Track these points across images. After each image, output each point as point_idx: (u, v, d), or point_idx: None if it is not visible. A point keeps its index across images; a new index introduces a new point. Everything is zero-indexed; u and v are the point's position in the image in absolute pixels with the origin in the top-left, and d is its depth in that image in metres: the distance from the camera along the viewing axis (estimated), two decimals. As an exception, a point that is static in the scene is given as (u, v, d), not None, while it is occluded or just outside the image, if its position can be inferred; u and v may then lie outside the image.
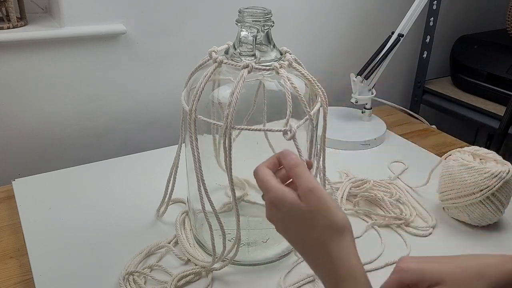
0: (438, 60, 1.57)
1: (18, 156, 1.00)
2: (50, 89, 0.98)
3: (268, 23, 0.60)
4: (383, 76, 1.14)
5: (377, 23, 1.35)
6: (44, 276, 0.65)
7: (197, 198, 0.61)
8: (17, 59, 0.92)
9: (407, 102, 1.55)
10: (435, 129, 1.19)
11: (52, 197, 0.83)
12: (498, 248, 0.74)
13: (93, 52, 0.99)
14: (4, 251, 0.71)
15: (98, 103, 1.04)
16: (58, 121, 1.01)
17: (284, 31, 1.20)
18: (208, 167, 0.63)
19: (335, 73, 1.34)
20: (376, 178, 0.89)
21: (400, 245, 0.74)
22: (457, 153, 0.80)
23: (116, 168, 0.92)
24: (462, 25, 1.58)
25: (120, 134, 1.10)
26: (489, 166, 0.74)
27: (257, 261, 0.69)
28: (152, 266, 0.67)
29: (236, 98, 0.55)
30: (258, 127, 0.58)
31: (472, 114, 1.38)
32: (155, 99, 1.10)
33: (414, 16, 1.08)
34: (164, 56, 1.07)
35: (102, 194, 0.84)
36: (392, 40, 1.09)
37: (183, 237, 0.72)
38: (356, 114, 1.17)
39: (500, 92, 1.34)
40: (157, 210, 0.78)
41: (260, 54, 0.61)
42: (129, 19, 1.00)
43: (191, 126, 0.59)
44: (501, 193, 0.74)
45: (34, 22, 0.96)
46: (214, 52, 0.62)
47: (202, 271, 0.66)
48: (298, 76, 0.62)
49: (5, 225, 0.77)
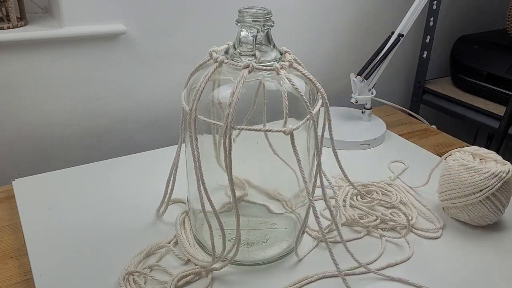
0: (438, 60, 1.57)
1: (18, 156, 1.00)
2: (50, 89, 0.98)
3: (268, 23, 0.60)
4: (383, 76, 1.14)
5: (377, 23, 1.35)
6: (44, 276, 0.65)
7: (197, 198, 0.61)
8: (17, 59, 0.92)
9: (407, 102, 1.55)
10: (435, 129, 1.19)
11: (52, 197, 0.83)
12: (498, 248, 0.74)
13: (93, 52, 0.99)
14: (4, 251, 0.71)
15: (98, 103, 1.04)
16: (58, 121, 1.01)
17: (284, 31, 1.20)
18: (208, 167, 0.63)
19: (335, 73, 1.34)
20: (376, 178, 0.90)
21: (402, 246, 0.74)
22: (457, 153, 0.80)
23: (116, 168, 0.92)
24: (462, 25, 1.58)
25: (120, 134, 1.10)
26: (489, 166, 0.74)
27: (257, 261, 0.69)
28: (152, 266, 0.67)
29: (237, 98, 0.55)
30: (258, 127, 0.58)
31: (472, 114, 1.38)
32: (155, 99, 1.11)
33: (414, 16, 1.08)
34: (164, 56, 1.07)
35: (102, 194, 0.84)
36: (392, 40, 1.09)
37: (183, 237, 0.72)
38: (356, 114, 1.17)
39: (500, 92, 1.34)
40: (157, 210, 0.78)
41: (260, 54, 0.61)
42: (129, 19, 1.00)
43: (191, 126, 0.59)
44: (501, 193, 0.74)
45: (34, 22, 0.96)
46: (215, 52, 0.62)
47: (202, 271, 0.66)
48: (299, 76, 0.62)
49: (5, 225, 0.77)
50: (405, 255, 0.72)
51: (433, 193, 0.84)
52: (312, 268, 0.68)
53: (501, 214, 0.77)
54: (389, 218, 0.78)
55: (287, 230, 0.73)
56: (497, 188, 0.73)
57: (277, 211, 0.75)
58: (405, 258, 0.71)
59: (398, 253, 0.72)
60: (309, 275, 0.66)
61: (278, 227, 0.73)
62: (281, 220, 0.75)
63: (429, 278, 0.67)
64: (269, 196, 0.76)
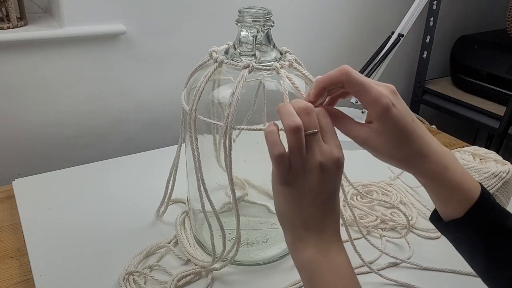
0: (438, 60, 1.57)
1: (18, 156, 1.00)
2: (50, 89, 0.98)
3: (268, 23, 0.60)
4: (383, 76, 1.14)
5: (377, 23, 1.35)
6: (44, 276, 0.65)
7: (197, 198, 0.61)
8: (17, 59, 0.92)
9: (407, 102, 1.54)
10: (435, 129, 1.19)
11: (52, 197, 0.83)
12: (498, 248, 0.74)
13: (93, 52, 0.99)
14: (4, 251, 0.71)
15: (98, 103, 1.04)
16: (58, 121, 1.01)
17: (284, 31, 1.20)
18: (208, 167, 0.63)
19: (335, 73, 1.34)
20: (376, 178, 0.89)
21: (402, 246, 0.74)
22: (457, 153, 0.80)
23: (116, 168, 0.92)
24: (462, 25, 1.58)
25: (120, 134, 1.10)
26: (489, 166, 0.74)
27: (257, 261, 0.69)
28: (152, 266, 0.67)
29: (237, 98, 0.55)
30: (258, 127, 0.58)
31: (472, 114, 1.38)
32: (155, 99, 1.10)
33: (414, 16, 1.08)
34: (164, 56, 1.07)
35: (102, 194, 0.84)
36: (392, 40, 1.09)
37: (183, 237, 0.72)
38: (356, 114, 1.17)
39: (500, 92, 1.34)
40: (157, 210, 0.78)
41: (260, 54, 0.61)
42: (129, 19, 1.00)
43: (191, 126, 0.59)
44: (501, 193, 0.74)
45: (34, 22, 0.96)
46: (215, 52, 0.62)
47: (202, 271, 0.66)
48: (299, 76, 0.62)
49: (5, 225, 0.77)
50: (405, 255, 0.72)
51: (433, 193, 0.84)
52: (312, 268, 0.68)
53: (501, 214, 0.77)
54: (389, 218, 0.77)
55: (287, 230, 0.72)
56: (497, 188, 0.73)
57: (277, 211, 0.75)
58: (405, 258, 0.71)
59: (398, 253, 0.72)
60: (309, 275, 0.66)
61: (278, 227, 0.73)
62: (281, 220, 0.75)
63: (429, 278, 0.67)
64: (269, 196, 0.76)
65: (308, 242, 0.43)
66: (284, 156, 0.42)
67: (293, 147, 0.41)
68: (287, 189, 0.43)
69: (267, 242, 0.71)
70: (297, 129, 0.41)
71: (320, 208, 0.43)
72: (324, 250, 0.43)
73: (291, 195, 0.43)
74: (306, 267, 0.43)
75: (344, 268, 0.43)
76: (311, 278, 0.43)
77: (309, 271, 0.43)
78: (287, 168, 0.42)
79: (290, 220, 0.44)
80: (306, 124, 0.42)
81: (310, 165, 0.42)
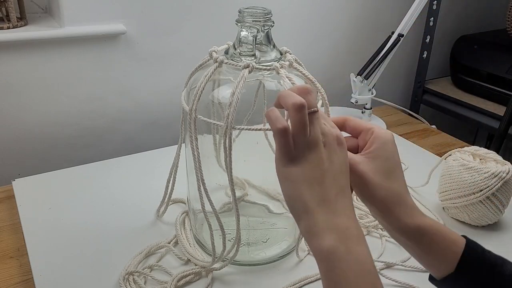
0: (438, 60, 1.57)
1: (18, 156, 1.00)
2: (50, 89, 0.98)
3: (268, 23, 0.60)
4: (383, 76, 1.14)
5: (377, 23, 1.35)
6: (44, 276, 0.65)
7: (197, 198, 0.61)
8: (17, 59, 0.92)
9: (407, 102, 1.55)
10: (435, 129, 1.19)
11: (52, 197, 0.83)
12: (498, 248, 0.74)
13: (93, 52, 0.99)
14: (4, 251, 0.71)
15: (98, 103, 1.04)
16: (58, 121, 1.01)
17: (284, 31, 1.20)
18: (208, 167, 0.63)
19: (335, 73, 1.34)
20: (376, 178, 0.89)
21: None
22: (457, 153, 0.80)
23: (116, 168, 0.92)
24: (462, 25, 1.58)
25: (120, 134, 1.10)
26: (489, 166, 0.74)
27: (257, 261, 0.69)
28: (152, 266, 0.67)
29: (237, 98, 0.55)
30: (258, 127, 0.58)
31: (472, 114, 1.38)
32: (155, 99, 1.10)
33: (414, 16, 1.08)
34: (164, 56, 1.07)
35: (102, 194, 0.84)
36: (392, 40, 1.09)
37: (183, 237, 0.72)
38: (356, 114, 1.17)
39: (500, 92, 1.34)
40: (157, 210, 0.78)
41: (260, 54, 0.61)
42: (129, 19, 1.00)
43: (191, 126, 0.59)
44: (501, 193, 0.74)
45: (34, 22, 0.96)
46: (215, 52, 0.62)
47: (202, 271, 0.66)
48: (299, 76, 0.62)
49: (5, 225, 0.77)
50: (405, 255, 0.72)
51: (433, 193, 0.84)
52: (312, 268, 0.68)
53: (501, 214, 0.77)
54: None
55: (287, 230, 0.72)
56: (497, 188, 0.73)
57: (277, 211, 0.75)
58: (405, 258, 0.71)
59: (398, 253, 0.72)
60: (309, 275, 0.66)
61: (278, 227, 0.73)
62: (281, 220, 0.75)
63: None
64: (269, 196, 0.76)
65: (324, 227, 0.41)
66: (287, 130, 0.41)
67: (298, 125, 0.41)
68: (294, 168, 0.41)
69: (267, 242, 0.71)
70: (302, 106, 0.40)
71: (332, 185, 0.42)
72: (343, 238, 0.41)
73: (300, 174, 0.41)
74: (324, 258, 0.40)
75: (364, 261, 0.40)
76: (331, 271, 0.40)
77: (328, 263, 0.40)
78: (291, 144, 0.41)
79: (302, 202, 0.41)
80: (308, 103, 0.41)
81: (314, 141, 0.41)
